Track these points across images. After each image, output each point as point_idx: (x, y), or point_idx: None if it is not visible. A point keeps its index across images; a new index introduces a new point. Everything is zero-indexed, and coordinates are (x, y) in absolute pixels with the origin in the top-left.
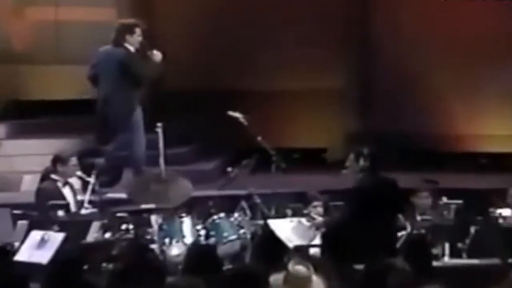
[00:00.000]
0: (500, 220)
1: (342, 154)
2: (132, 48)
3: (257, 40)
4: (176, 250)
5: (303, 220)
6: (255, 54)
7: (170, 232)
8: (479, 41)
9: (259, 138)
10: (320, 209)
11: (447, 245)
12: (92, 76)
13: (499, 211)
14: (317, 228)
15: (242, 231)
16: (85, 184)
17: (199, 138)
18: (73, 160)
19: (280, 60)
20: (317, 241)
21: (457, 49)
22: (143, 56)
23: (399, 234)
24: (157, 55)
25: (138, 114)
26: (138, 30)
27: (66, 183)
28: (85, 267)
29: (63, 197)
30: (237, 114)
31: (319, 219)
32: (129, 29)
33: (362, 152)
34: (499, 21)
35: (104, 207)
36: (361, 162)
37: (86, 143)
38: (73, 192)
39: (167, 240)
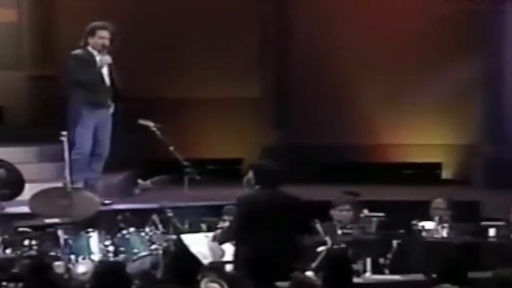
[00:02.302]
0: (424, 233)
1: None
2: (93, 51)
3: (172, 46)
4: (83, 267)
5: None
6: (169, 60)
7: (77, 248)
8: (402, 49)
9: (172, 148)
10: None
11: (368, 260)
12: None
13: (422, 223)
14: (218, 241)
15: (153, 246)
16: None
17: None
18: None
19: (194, 67)
20: (229, 256)
21: (379, 57)
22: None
23: (319, 249)
24: (103, 59)
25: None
26: (99, 32)
27: None
28: None
29: None
30: (148, 123)
31: (218, 231)
32: (90, 32)
33: (257, 164)
34: (423, 27)
35: (5, 221)
36: (249, 175)
37: None
38: None
39: (73, 257)
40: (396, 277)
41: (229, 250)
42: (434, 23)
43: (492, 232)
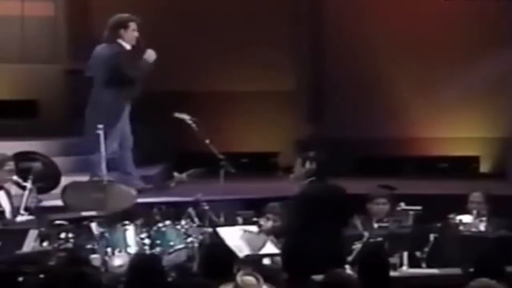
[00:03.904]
0: (461, 227)
1: (295, 159)
2: (126, 45)
3: (206, 40)
4: (119, 260)
5: (254, 228)
6: (203, 54)
7: (113, 241)
8: (437, 42)
9: (207, 142)
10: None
11: (405, 254)
12: (89, 76)
13: (459, 217)
14: (267, 234)
15: (189, 239)
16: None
17: (143, 141)
18: (10, 165)
19: (229, 60)
20: (267, 249)
21: (414, 50)
22: (138, 54)
23: (356, 242)
24: (151, 54)
25: (126, 115)
26: (132, 25)
27: (1, 188)
28: (20, 279)
29: None
30: (184, 116)
31: (267, 224)
32: (123, 24)
33: (308, 156)
34: (457, 21)
35: (41, 214)
36: (307, 167)
37: (22, 146)
38: (8, 198)
39: (109, 250)
40: (433, 270)
41: (267, 243)
42: (469, 16)
43: None
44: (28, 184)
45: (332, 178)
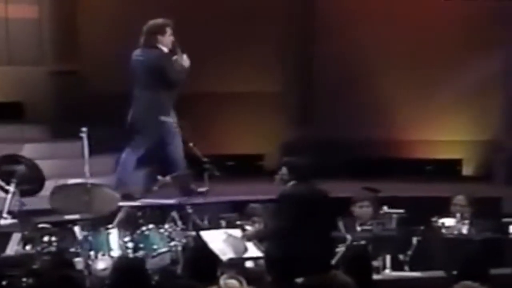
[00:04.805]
0: (444, 230)
1: (281, 161)
2: (165, 49)
3: (190, 40)
4: (102, 263)
5: (237, 231)
6: (189, 56)
7: (96, 244)
8: (425, 46)
9: (191, 144)
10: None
11: (388, 257)
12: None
13: (442, 220)
14: (249, 239)
15: (172, 243)
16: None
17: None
18: None
19: (216, 61)
20: (251, 253)
21: (403, 53)
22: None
23: (339, 245)
24: (186, 60)
25: (171, 118)
26: (169, 30)
27: None
28: (4, 282)
29: None
30: (168, 119)
31: (250, 229)
32: (160, 29)
33: (292, 160)
34: (445, 25)
35: (25, 217)
36: (291, 170)
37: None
38: None
39: (92, 253)
40: (416, 274)
41: (250, 246)
42: (458, 20)
43: None
44: (12, 188)
45: (319, 180)
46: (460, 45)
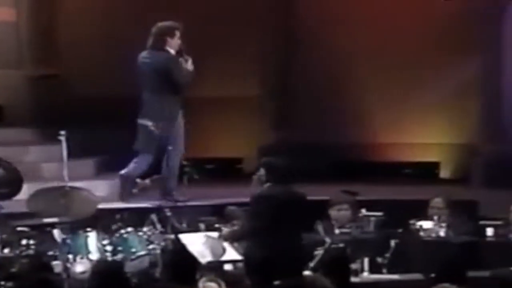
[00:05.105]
0: (421, 233)
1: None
2: (172, 52)
3: None
4: (80, 267)
5: (216, 234)
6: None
7: (75, 247)
8: (403, 49)
9: (170, 148)
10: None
11: (366, 260)
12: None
13: (420, 223)
14: (225, 240)
15: (151, 246)
16: None
17: (106, 147)
18: None
19: (194, 66)
20: (230, 255)
21: (381, 56)
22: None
23: (318, 248)
24: (190, 63)
25: (180, 122)
26: (177, 33)
27: None
28: None
29: None
30: (147, 122)
31: (226, 229)
32: (170, 32)
33: (270, 161)
34: (423, 28)
35: (3, 220)
36: (268, 171)
37: None
38: None
39: (71, 256)
40: (394, 276)
41: (229, 249)
42: (436, 23)
43: (490, 231)
44: None
45: (298, 183)
46: (439, 48)
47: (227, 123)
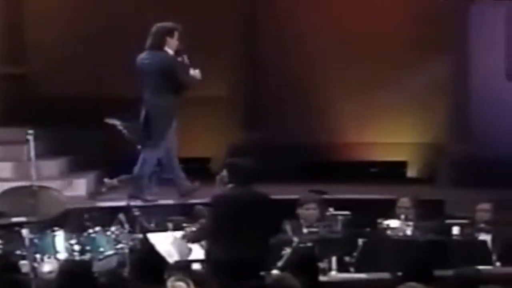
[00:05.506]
0: (389, 232)
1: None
2: (170, 52)
3: (138, 47)
4: (48, 266)
5: (179, 233)
6: (134, 60)
7: (42, 247)
8: (371, 49)
9: (139, 147)
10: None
11: (334, 259)
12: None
13: (387, 222)
14: (188, 240)
15: (119, 245)
16: None
17: (75, 147)
18: None
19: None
20: (197, 255)
21: (348, 56)
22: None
23: (286, 247)
24: (197, 73)
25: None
26: (176, 33)
27: None
28: None
29: None
30: (115, 122)
31: (189, 230)
32: (169, 32)
33: (232, 162)
34: (392, 27)
35: None
36: (231, 172)
37: None
38: None
39: (38, 256)
40: (362, 275)
41: (195, 249)
42: (404, 23)
43: (456, 230)
44: None
45: (264, 183)
46: (406, 48)
47: (196, 123)
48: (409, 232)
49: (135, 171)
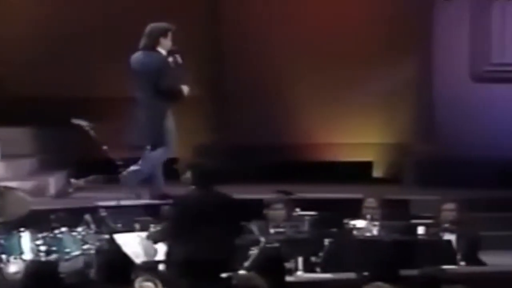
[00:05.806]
0: (355, 232)
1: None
2: (163, 52)
3: (105, 46)
4: (14, 267)
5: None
6: (101, 60)
7: (8, 247)
8: (336, 49)
9: (105, 148)
10: None
11: (300, 259)
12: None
13: (353, 222)
14: (152, 240)
15: (86, 246)
16: None
17: (41, 147)
18: None
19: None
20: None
21: (313, 57)
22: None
23: (252, 248)
24: (186, 89)
25: (170, 124)
26: (170, 34)
27: None
28: None
29: None
30: (81, 122)
31: (152, 230)
32: (163, 32)
33: (195, 163)
34: (358, 27)
35: None
36: (194, 174)
37: None
38: None
39: (4, 257)
40: (328, 275)
41: (161, 249)
42: (370, 24)
43: (421, 230)
44: None
45: (230, 184)
46: (371, 48)
47: None
48: (375, 232)
49: (142, 172)
